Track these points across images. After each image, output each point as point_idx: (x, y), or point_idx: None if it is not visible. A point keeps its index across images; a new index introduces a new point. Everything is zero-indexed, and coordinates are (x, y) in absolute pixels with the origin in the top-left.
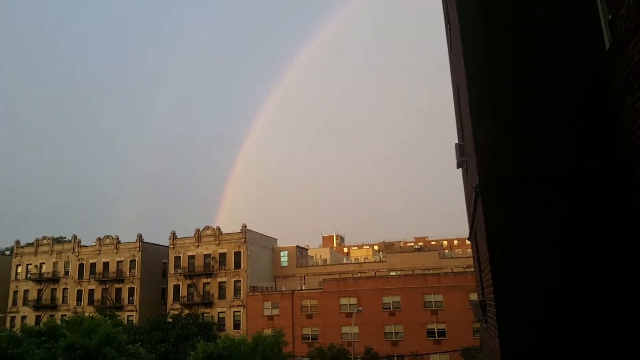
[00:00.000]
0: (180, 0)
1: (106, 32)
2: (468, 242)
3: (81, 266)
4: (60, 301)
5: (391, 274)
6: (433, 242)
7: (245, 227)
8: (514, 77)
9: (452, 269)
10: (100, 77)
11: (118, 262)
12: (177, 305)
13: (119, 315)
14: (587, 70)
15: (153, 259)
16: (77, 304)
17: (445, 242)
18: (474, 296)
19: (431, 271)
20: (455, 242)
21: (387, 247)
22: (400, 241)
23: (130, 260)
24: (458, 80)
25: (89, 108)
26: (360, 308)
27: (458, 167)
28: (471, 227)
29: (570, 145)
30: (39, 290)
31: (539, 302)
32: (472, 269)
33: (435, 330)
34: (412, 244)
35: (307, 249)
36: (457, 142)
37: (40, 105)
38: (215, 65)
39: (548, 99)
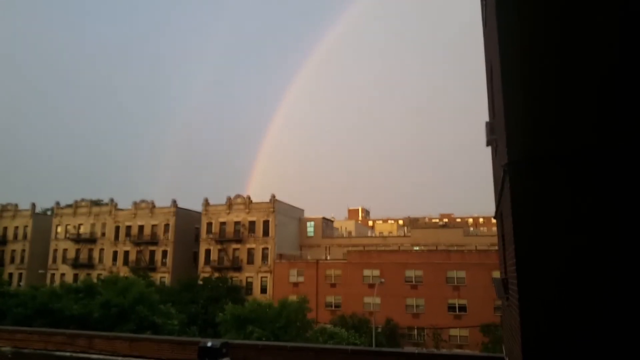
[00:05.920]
0: None
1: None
2: (494, 221)
3: (117, 228)
4: (96, 261)
5: (415, 248)
6: (458, 219)
7: (274, 197)
8: (547, 53)
9: (476, 246)
10: (136, 52)
11: (153, 225)
12: (208, 269)
13: (152, 276)
14: (624, 47)
15: (186, 223)
16: (113, 264)
17: (470, 220)
18: (496, 274)
19: (455, 248)
20: (481, 220)
21: (412, 223)
22: (425, 217)
23: (165, 224)
24: (491, 56)
25: (124, 79)
26: (383, 280)
27: (487, 145)
28: (497, 205)
29: (603, 124)
30: (77, 250)
31: (562, 282)
32: (497, 247)
33: (457, 305)
34: (437, 220)
35: (332, 221)
36: (487, 119)
37: (79, 83)
38: (249, 37)
39: (581, 76)
